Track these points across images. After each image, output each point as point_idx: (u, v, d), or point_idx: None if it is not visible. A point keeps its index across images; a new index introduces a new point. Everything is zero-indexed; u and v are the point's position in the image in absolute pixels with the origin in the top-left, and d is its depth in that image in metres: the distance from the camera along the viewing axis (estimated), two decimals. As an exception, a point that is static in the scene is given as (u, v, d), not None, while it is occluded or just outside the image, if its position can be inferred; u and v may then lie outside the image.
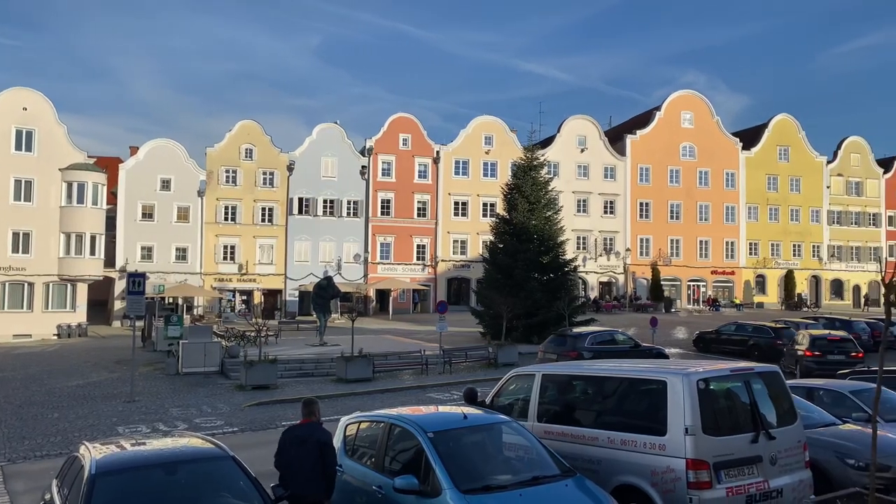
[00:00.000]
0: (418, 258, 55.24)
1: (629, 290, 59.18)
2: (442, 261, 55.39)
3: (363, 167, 53.91)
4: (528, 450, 7.28)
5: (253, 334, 27.48)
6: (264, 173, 52.14)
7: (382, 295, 53.90)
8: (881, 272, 6.95)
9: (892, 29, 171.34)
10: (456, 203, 56.17)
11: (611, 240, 59.61)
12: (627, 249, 59.56)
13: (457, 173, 56.28)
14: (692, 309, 59.23)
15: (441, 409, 10.79)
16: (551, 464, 6.97)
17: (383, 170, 54.54)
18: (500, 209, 37.60)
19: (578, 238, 57.56)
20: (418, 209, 55.36)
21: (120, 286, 45.40)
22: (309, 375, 24.07)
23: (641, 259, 59.94)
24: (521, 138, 53.36)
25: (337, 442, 8.44)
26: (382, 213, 54.46)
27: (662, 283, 59.04)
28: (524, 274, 32.13)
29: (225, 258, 51.27)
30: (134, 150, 52.01)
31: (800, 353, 23.19)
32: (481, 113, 58.71)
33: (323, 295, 30.78)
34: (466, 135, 56.79)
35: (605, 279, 59.62)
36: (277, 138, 63.10)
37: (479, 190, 56.17)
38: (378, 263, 54.15)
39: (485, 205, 55.96)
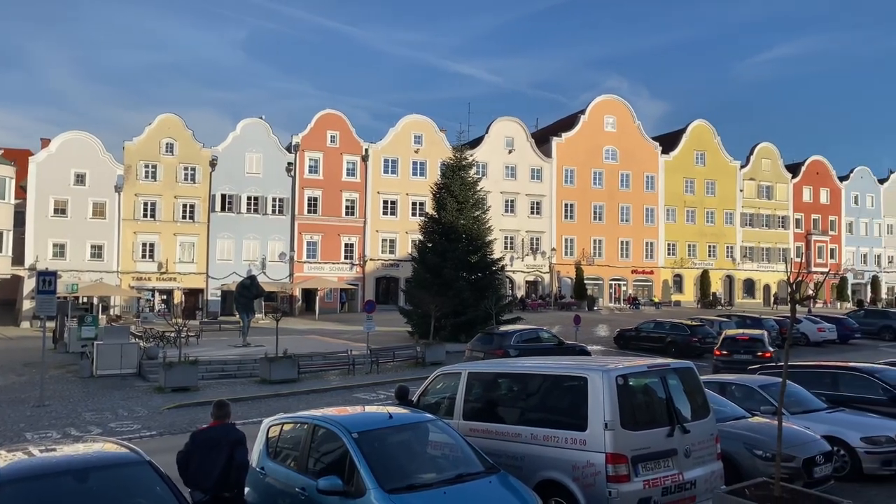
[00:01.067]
0: (346, 257, 54.74)
1: (554, 289, 60.38)
2: (370, 260, 55.07)
3: (289, 164, 52.99)
4: (454, 448, 7.33)
5: (173, 335, 26.65)
6: (186, 169, 50.53)
7: (309, 294, 53.13)
8: (787, 272, 7.33)
9: (801, 42, 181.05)
10: (385, 202, 55.94)
11: (537, 240, 60.66)
12: (553, 249, 60.75)
13: (386, 172, 56.06)
14: (614, 307, 60.94)
15: (368, 409, 10.73)
16: (476, 461, 7.04)
17: (310, 167, 53.76)
18: (430, 208, 37.67)
19: (506, 238, 58.32)
20: (346, 207, 54.84)
21: (29, 285, 43.15)
22: (231, 377, 23.50)
23: (566, 259, 61.27)
24: (450, 138, 53.66)
25: (259, 444, 8.29)
26: (309, 211, 53.67)
27: (586, 282, 60.52)
28: (453, 273, 32.31)
29: (144, 256, 49.41)
30: (46, 143, 49.35)
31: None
32: (411, 112, 58.72)
33: (246, 294, 30.11)
34: (396, 133, 56.65)
35: (531, 278, 60.63)
36: (200, 133, 61.40)
37: (409, 189, 56.13)
38: (304, 262, 53.34)
39: (414, 204, 55.96)
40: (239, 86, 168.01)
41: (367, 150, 55.30)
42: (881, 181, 76.66)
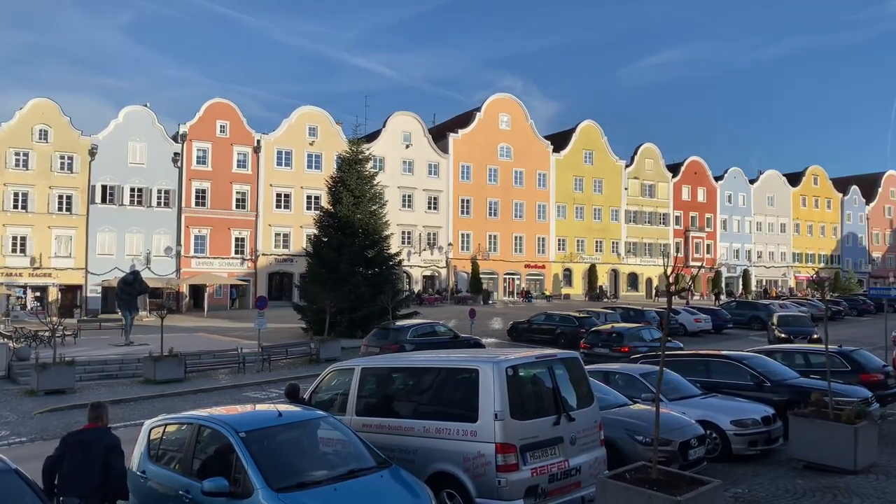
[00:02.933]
0: (237, 252, 53.00)
1: (451, 284, 61.06)
2: (263, 255, 53.62)
3: (176, 154, 50.68)
4: (345, 444, 7.28)
5: (47, 334, 24.93)
6: (62, 157, 47.30)
7: (197, 291, 51.06)
8: (664, 266, 7.74)
9: (682, 49, 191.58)
10: (278, 195, 54.59)
11: (434, 235, 61.08)
12: (449, 244, 61.38)
13: (279, 164, 54.70)
14: (508, 300, 62.35)
15: (258, 407, 10.47)
16: (368, 456, 7.03)
17: (199, 158, 51.63)
18: (325, 202, 37.05)
19: (403, 233, 58.35)
20: (237, 200, 53.08)
21: None
22: (113, 377, 22.27)
23: (462, 253, 62.08)
24: (346, 131, 53.08)
25: (140, 447, 7.92)
26: (197, 204, 51.55)
27: (481, 276, 61.59)
28: (348, 268, 31.97)
29: (14, 250, 45.88)
30: None
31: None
32: (306, 104, 57.46)
33: (129, 291, 28.59)
34: (290, 125, 55.36)
35: (428, 273, 61.00)
36: (79, 120, 57.69)
37: (303, 182, 55.05)
38: (192, 257, 51.22)
39: (309, 197, 54.94)
40: (123, 72, 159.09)
41: (259, 141, 53.74)
42: (752, 181, 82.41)
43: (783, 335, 29.42)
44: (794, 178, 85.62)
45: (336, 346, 26.23)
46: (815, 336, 28.56)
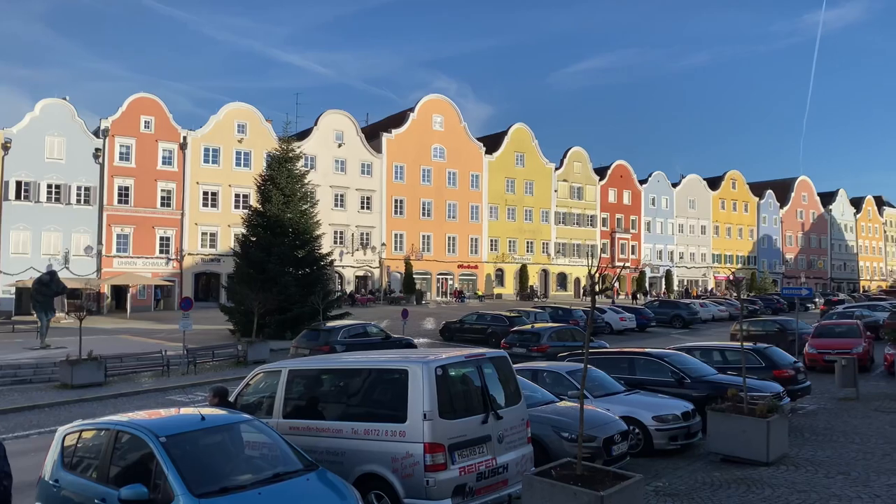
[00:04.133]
0: (162, 251, 51.30)
1: (384, 284, 60.83)
2: (189, 254, 52.10)
3: (97, 150, 48.66)
4: (271, 447, 7.15)
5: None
6: (-30, 151, 44.72)
7: (119, 291, 49.18)
8: (589, 266, 7.93)
9: (608, 56, 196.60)
10: (205, 193, 53.14)
11: (367, 234, 60.71)
12: (383, 244, 61.13)
13: (206, 161, 53.26)
14: (441, 301, 62.58)
15: (183, 411, 10.16)
16: (294, 459, 6.93)
17: (121, 154, 49.72)
18: (254, 201, 36.27)
19: (335, 232, 57.78)
20: (162, 198, 51.38)
21: None
22: (26, 382, 21.21)
23: (396, 254, 61.94)
24: (276, 129, 52.12)
25: (53, 455, 7.58)
26: (120, 202, 49.64)
27: (415, 276, 61.60)
28: (278, 268, 31.41)
29: (-85, 249, 43.12)
30: None
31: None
32: (237, 100, 56.11)
33: (45, 292, 27.26)
34: (217, 121, 53.96)
35: (361, 273, 60.59)
36: (-11, 111, 54.44)
37: (231, 180, 53.79)
38: (114, 257, 49.29)
39: (237, 196, 53.73)
40: (40, 63, 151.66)
41: (185, 137, 52.19)
42: (674, 185, 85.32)
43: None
44: (713, 183, 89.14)
45: (264, 348, 25.76)
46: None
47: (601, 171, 78.07)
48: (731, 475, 10.14)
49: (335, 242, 56.85)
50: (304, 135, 57.36)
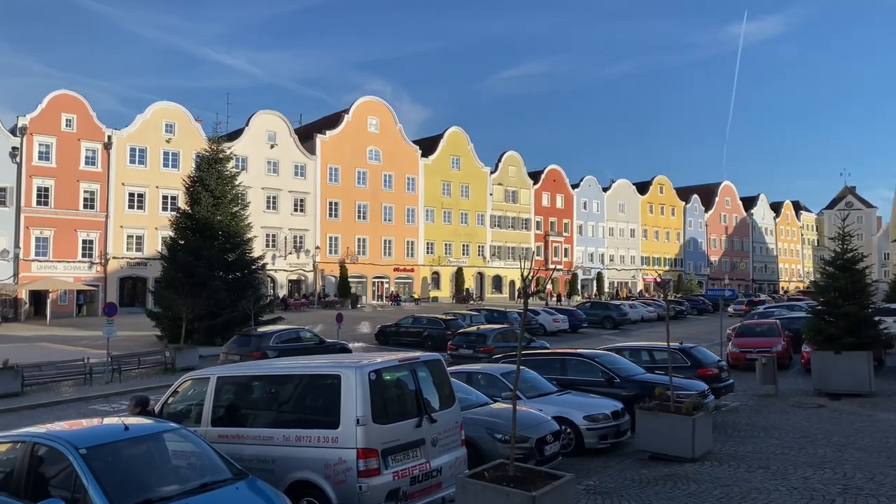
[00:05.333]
0: (85, 255, 49.22)
1: (318, 288, 60.05)
2: (114, 258, 50.18)
3: (14, 149, 46.29)
4: (199, 456, 6.96)
5: None
6: None
7: (38, 297, 46.89)
8: (521, 269, 8.01)
9: (541, 62, 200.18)
10: (131, 194, 51.31)
11: (301, 238, 59.83)
12: (317, 247, 60.37)
13: (133, 162, 51.44)
14: (376, 304, 62.23)
15: (105, 421, 9.77)
16: (223, 468, 6.76)
17: (41, 153, 47.47)
18: (182, 203, 35.23)
19: (268, 235, 56.74)
20: (85, 200, 49.32)
21: None
22: (-67, 395, 19.95)
23: (330, 257, 61.27)
24: (206, 129, 50.74)
25: (-38, 471, 7.14)
26: (39, 203, 47.36)
27: (350, 280, 61.06)
28: (207, 272, 30.59)
29: None
30: None
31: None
32: (165, 99, 54.39)
33: (-45, 298, 25.80)
34: (144, 120, 52.20)
35: (294, 277, 59.67)
36: None
37: (159, 181, 52.12)
38: (33, 260, 46.99)
39: (165, 197, 52.11)
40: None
41: (110, 137, 50.27)
42: (605, 189, 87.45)
43: None
44: (642, 187, 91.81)
45: (193, 355, 25.06)
46: None
47: (535, 176, 79.29)
48: (658, 472, 10.43)
49: (267, 246, 55.82)
50: (235, 135, 56.15)
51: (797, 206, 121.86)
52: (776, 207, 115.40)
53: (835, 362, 17.47)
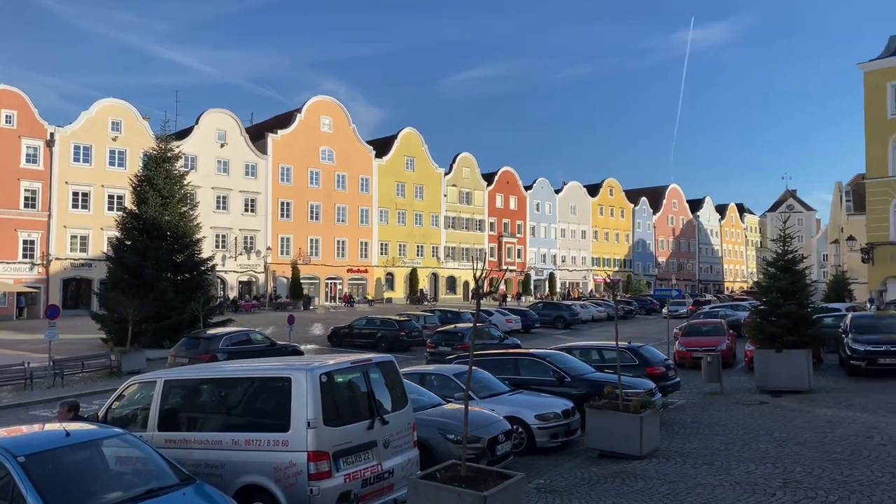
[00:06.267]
0: (25, 256, 47.55)
1: (269, 289, 59.24)
2: (57, 259, 48.61)
3: (-51, 145, 44.48)
4: (144, 462, 6.80)
5: None
6: None
7: (-25, 299, 45.16)
8: (474, 270, 8.07)
9: (495, 65, 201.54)
10: (75, 193, 49.79)
11: (252, 238, 58.94)
12: (268, 248, 59.54)
13: (77, 160, 49.94)
14: (329, 306, 61.72)
15: (46, 427, 9.47)
16: (169, 474, 6.62)
17: (-22, 150, 45.71)
18: (129, 203, 34.29)
19: (217, 236, 55.76)
20: (26, 198, 47.63)
21: None
22: None
23: (282, 258, 60.51)
24: (154, 127, 49.74)
25: None
26: (-24, 202, 45.62)
27: (302, 281, 60.42)
28: (155, 273, 29.86)
29: None
30: None
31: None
32: (112, 96, 52.89)
33: None
34: (90, 117, 50.72)
35: (245, 278, 58.74)
36: None
37: (105, 180, 50.70)
38: (-31, 261, 45.23)
39: (111, 197, 50.74)
40: None
41: (53, 134, 48.69)
42: (557, 191, 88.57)
43: None
44: (593, 189, 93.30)
45: (140, 358, 24.48)
46: None
47: (489, 177, 79.78)
48: (607, 469, 10.61)
49: (217, 246, 54.84)
50: (184, 134, 55.01)
51: (741, 209, 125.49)
52: (721, 210, 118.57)
53: (776, 360, 18.00)
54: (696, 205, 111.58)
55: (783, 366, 17.81)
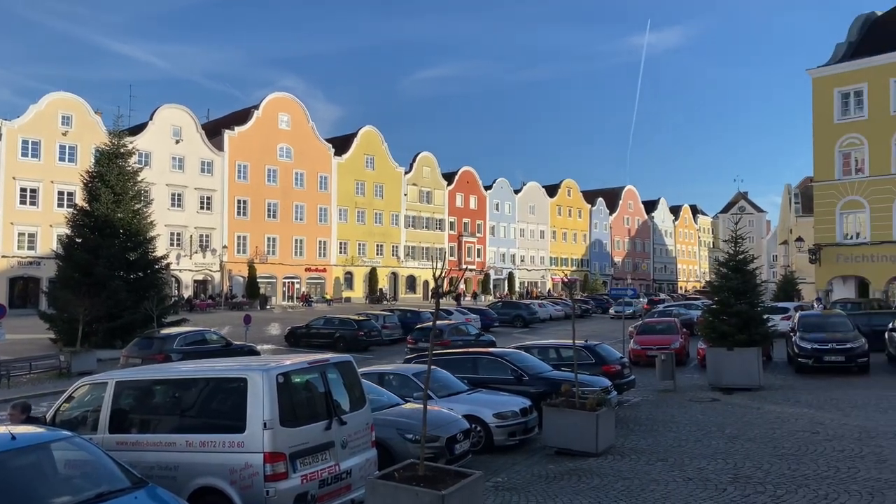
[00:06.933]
0: (-31, 253, 45.96)
1: (225, 288, 58.35)
2: (3, 257, 47.07)
3: None
4: (94, 465, 6.62)
5: None
6: None
7: (-85, 298, 43.46)
8: (433, 269, 8.07)
9: (455, 65, 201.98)
10: (23, 189, 48.27)
11: (207, 236, 57.96)
12: (224, 247, 58.62)
13: (25, 155, 48.43)
14: (287, 305, 61.07)
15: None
16: (120, 477, 6.46)
17: (-82, 143, 43.99)
18: (80, 199, 33.40)
19: (172, 234, 54.69)
20: (-30, 194, 46.06)
21: None
22: None
23: (239, 257, 59.64)
24: (107, 122, 48.41)
25: None
26: (-84, 197, 43.90)
27: (259, 280, 59.64)
28: (107, 272, 29.12)
29: None
30: None
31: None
32: (62, 90, 51.45)
33: None
34: (39, 111, 49.22)
35: (200, 277, 57.74)
36: None
37: (54, 176, 49.27)
38: None
39: (61, 193, 49.33)
40: None
41: (0, 128, 47.11)
42: (516, 191, 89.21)
43: None
44: (551, 190, 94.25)
45: (91, 358, 23.86)
46: None
47: (449, 177, 79.92)
48: (564, 467, 10.73)
49: (172, 244, 53.78)
50: (138, 130, 53.77)
51: (694, 210, 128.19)
52: (675, 211, 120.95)
53: (727, 358, 18.44)
54: (651, 206, 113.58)
55: (734, 364, 18.25)
